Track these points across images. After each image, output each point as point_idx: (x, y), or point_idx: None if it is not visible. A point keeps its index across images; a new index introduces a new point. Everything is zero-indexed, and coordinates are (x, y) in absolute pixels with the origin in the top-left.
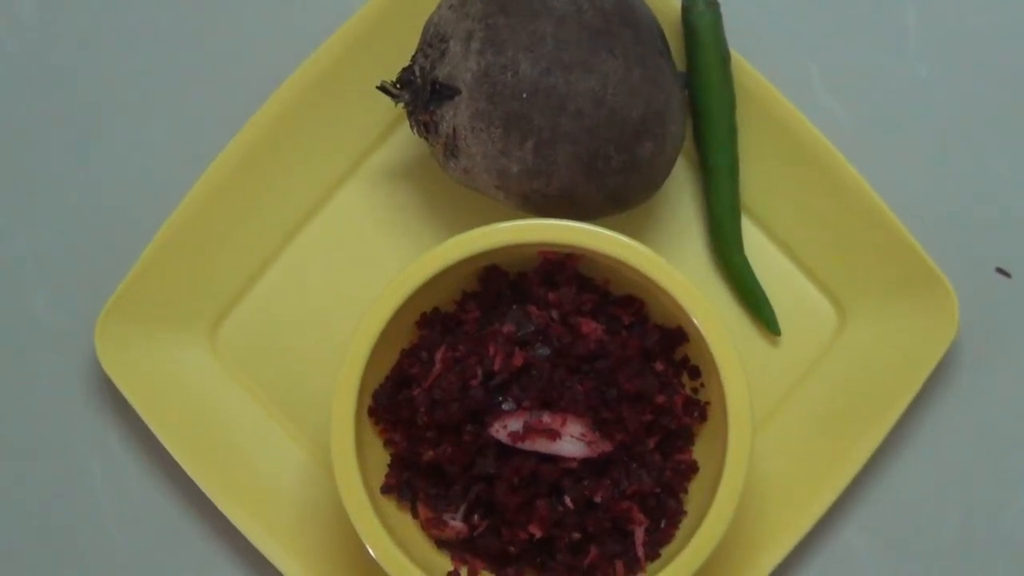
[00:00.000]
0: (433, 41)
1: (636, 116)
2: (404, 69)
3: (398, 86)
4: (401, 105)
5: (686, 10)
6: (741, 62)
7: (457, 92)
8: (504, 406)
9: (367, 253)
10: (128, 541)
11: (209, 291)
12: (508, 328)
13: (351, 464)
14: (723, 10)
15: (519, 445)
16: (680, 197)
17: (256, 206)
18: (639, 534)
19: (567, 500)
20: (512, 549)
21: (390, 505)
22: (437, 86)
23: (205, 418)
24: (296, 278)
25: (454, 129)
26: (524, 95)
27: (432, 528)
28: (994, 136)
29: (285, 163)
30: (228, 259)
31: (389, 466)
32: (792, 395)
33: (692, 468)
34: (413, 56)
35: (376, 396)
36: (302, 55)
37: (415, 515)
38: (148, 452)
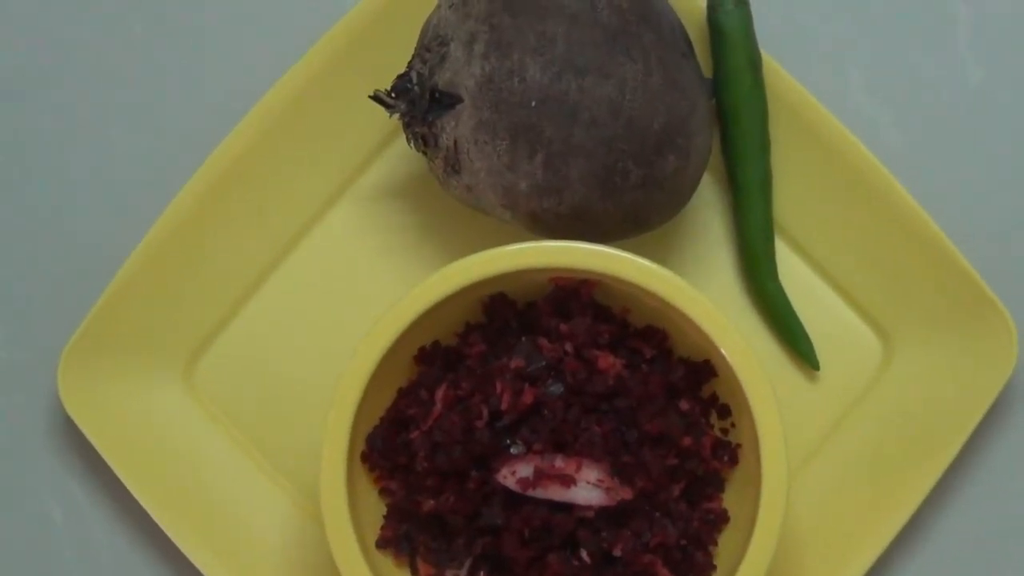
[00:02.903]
0: (432, 44)
1: (657, 126)
2: (400, 76)
3: (393, 95)
4: (396, 116)
5: (712, 9)
6: (774, 66)
7: (459, 100)
8: (512, 450)
9: (360, 281)
10: None
11: (184, 324)
12: (516, 363)
13: (343, 515)
14: (753, 9)
15: (529, 493)
16: (707, 217)
17: (236, 229)
18: None
19: (583, 554)
20: None
21: (386, 561)
22: (436, 94)
23: (180, 465)
24: (281, 309)
25: (455, 142)
26: (533, 103)
27: None
28: None
29: (268, 183)
30: (206, 288)
31: (385, 517)
32: (833, 436)
33: (722, 517)
34: (410, 61)
35: (370, 440)
36: (286, 62)
37: (414, 571)
38: (116, 502)
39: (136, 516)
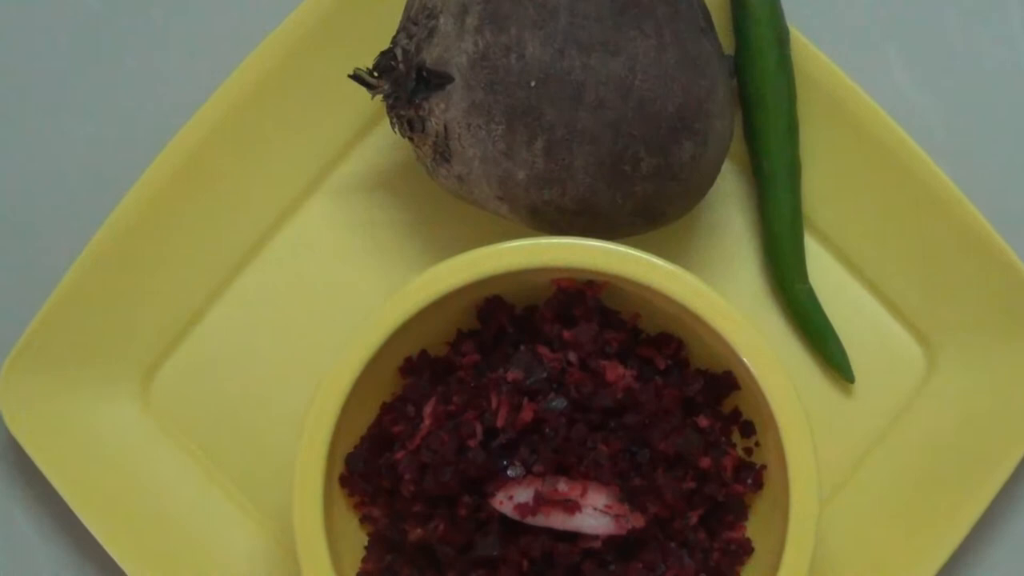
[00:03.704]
0: (419, 17)
1: (672, 108)
2: (383, 53)
3: (375, 74)
4: (380, 98)
5: None
6: (802, 42)
7: (449, 80)
8: (510, 472)
9: (338, 284)
10: None
11: (140, 333)
12: (514, 375)
13: (319, 546)
14: None
15: (529, 520)
16: (728, 210)
17: (198, 227)
18: None
19: None
20: None
21: None
22: (424, 73)
23: (136, 491)
24: (249, 316)
25: (445, 126)
26: (532, 83)
27: None
28: None
29: (234, 175)
30: (163, 293)
31: (367, 548)
32: (869, 457)
33: (745, 548)
34: (394, 36)
35: (350, 461)
36: (254, 39)
37: None
38: (64, 532)
39: (88, 548)
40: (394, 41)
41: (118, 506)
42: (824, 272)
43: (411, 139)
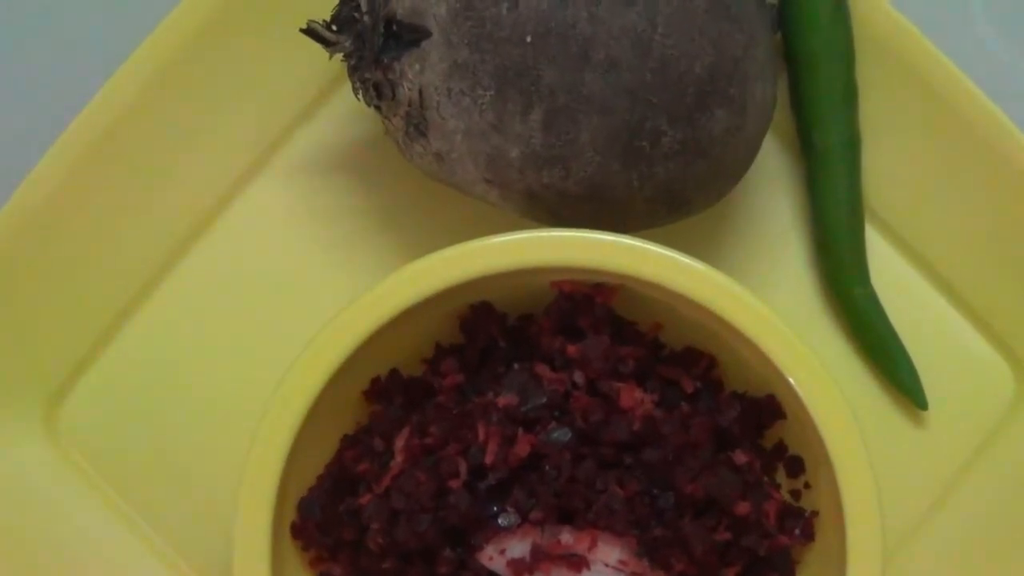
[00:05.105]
0: None
1: (700, 70)
2: (343, 1)
3: (334, 27)
4: (339, 57)
5: None
6: None
7: (425, 35)
8: (501, 520)
9: (288, 286)
10: None
11: (43, 349)
12: (506, 400)
13: None
14: None
15: None
16: (770, 196)
17: (115, 217)
18: None
19: None
20: None
21: None
22: (394, 26)
23: (40, 544)
24: (179, 327)
25: (421, 92)
26: (528, 38)
27: None
28: None
29: (161, 152)
30: (73, 299)
31: None
32: (946, 502)
33: None
34: None
35: (303, 508)
36: None
37: None
38: None
39: None
40: None
41: (17, 563)
42: (889, 273)
43: (378, 108)
